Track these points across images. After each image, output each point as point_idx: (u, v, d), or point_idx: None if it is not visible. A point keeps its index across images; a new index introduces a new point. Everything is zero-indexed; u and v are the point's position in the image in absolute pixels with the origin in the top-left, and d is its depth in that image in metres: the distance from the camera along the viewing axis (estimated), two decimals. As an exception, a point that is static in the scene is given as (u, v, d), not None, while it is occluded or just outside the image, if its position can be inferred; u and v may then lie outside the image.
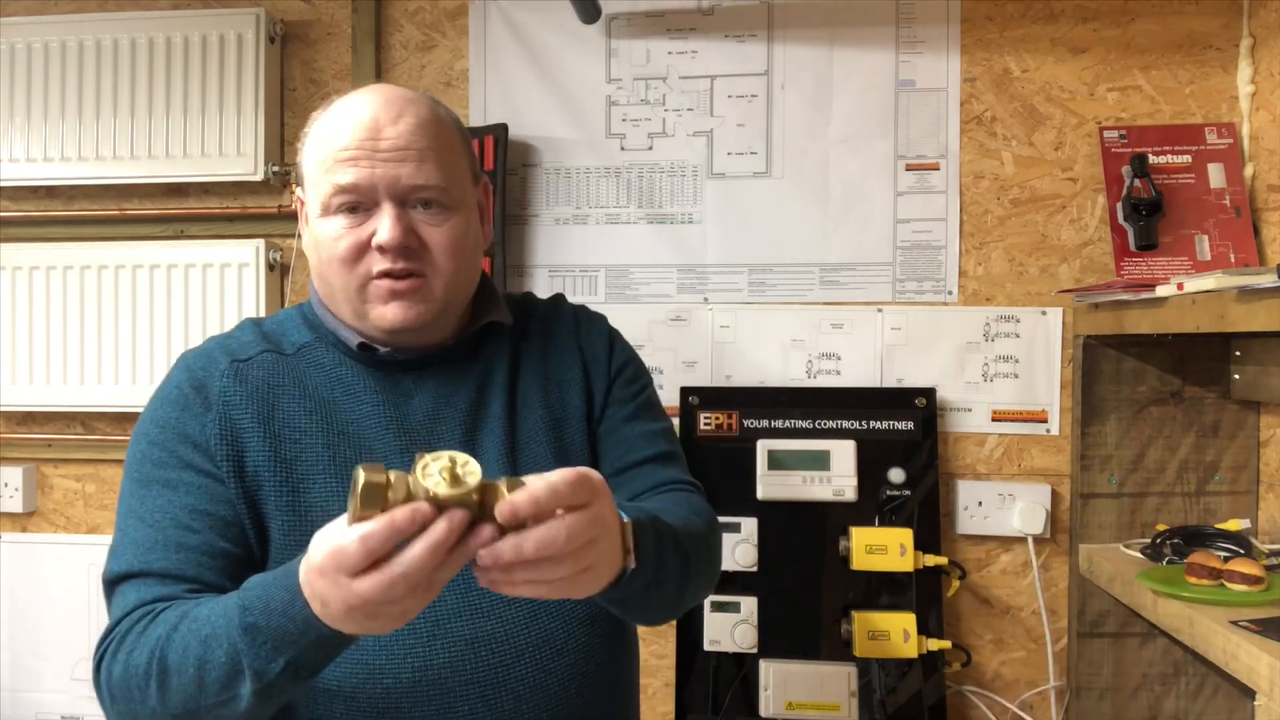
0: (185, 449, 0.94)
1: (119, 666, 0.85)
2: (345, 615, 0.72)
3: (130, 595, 0.89)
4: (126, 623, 0.87)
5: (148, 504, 0.93)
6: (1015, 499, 1.73)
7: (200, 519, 0.91)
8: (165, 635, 0.82)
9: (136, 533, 0.91)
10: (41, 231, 1.98)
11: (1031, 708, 1.75)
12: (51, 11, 1.97)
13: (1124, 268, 1.67)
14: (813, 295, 1.82)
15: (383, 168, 0.94)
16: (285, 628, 0.76)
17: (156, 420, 0.97)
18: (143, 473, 0.95)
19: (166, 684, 0.81)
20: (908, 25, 1.80)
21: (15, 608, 1.98)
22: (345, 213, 0.95)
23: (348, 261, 0.95)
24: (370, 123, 0.95)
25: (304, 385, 0.99)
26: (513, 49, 1.88)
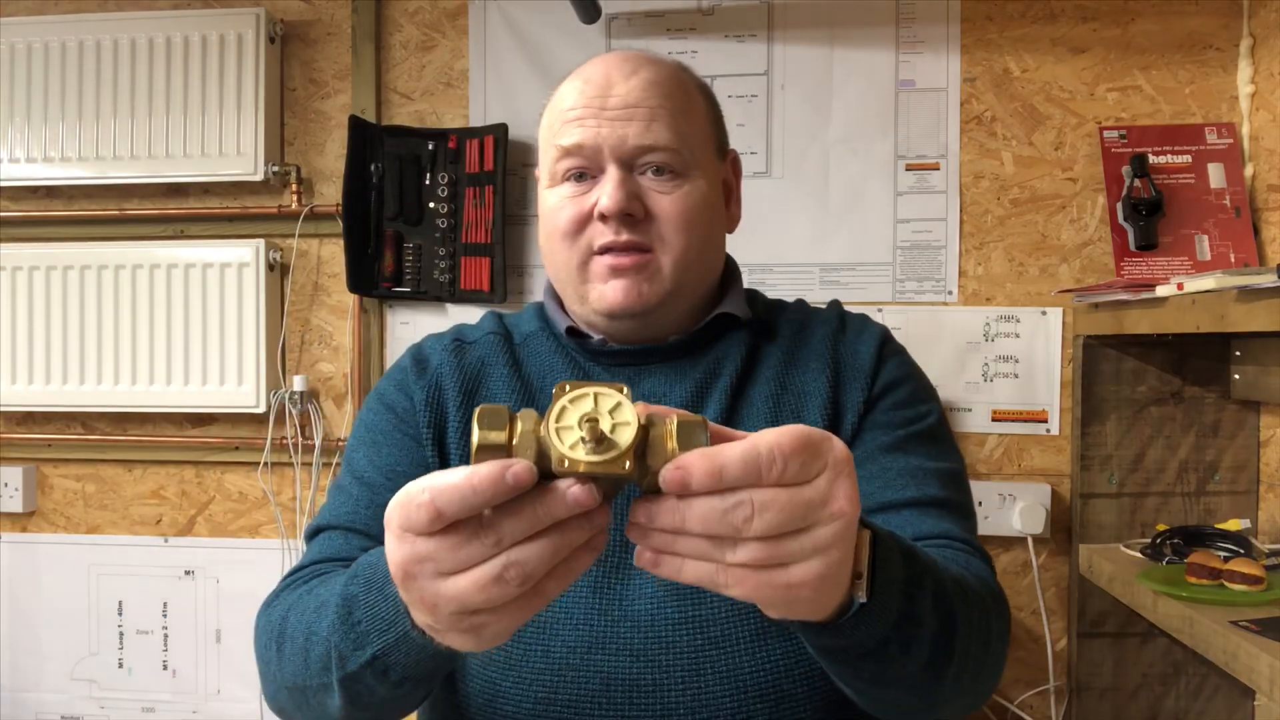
0: (390, 416, 0.93)
1: (261, 618, 0.80)
2: (403, 588, 0.54)
3: (315, 548, 0.87)
4: (291, 577, 0.83)
5: (353, 465, 0.92)
6: (1015, 499, 1.73)
7: (399, 478, 0.80)
8: (298, 599, 0.75)
9: (339, 492, 0.91)
10: (41, 231, 1.98)
11: (1031, 708, 1.75)
12: (51, 11, 1.97)
13: (1124, 268, 1.67)
14: (813, 295, 1.82)
15: (609, 126, 0.85)
16: (379, 610, 0.61)
17: (378, 391, 0.97)
18: (356, 436, 0.95)
19: (282, 652, 0.73)
20: (908, 25, 1.80)
21: (15, 608, 1.98)
22: (572, 180, 0.88)
23: (569, 234, 0.88)
24: (601, 80, 0.87)
25: (518, 370, 0.94)
26: (513, 49, 1.88)
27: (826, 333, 0.96)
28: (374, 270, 1.83)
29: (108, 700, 1.95)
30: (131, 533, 1.98)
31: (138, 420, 1.97)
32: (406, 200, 1.83)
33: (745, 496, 0.48)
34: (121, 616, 1.95)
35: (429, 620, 0.55)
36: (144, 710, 1.94)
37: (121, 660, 1.95)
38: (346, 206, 1.80)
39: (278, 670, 0.74)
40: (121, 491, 1.99)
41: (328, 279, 1.93)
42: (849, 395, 0.90)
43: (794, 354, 0.93)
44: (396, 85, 1.91)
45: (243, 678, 1.90)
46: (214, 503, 1.96)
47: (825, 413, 0.88)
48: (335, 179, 1.89)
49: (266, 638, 0.76)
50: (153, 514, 1.99)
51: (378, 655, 0.61)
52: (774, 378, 0.91)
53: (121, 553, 1.95)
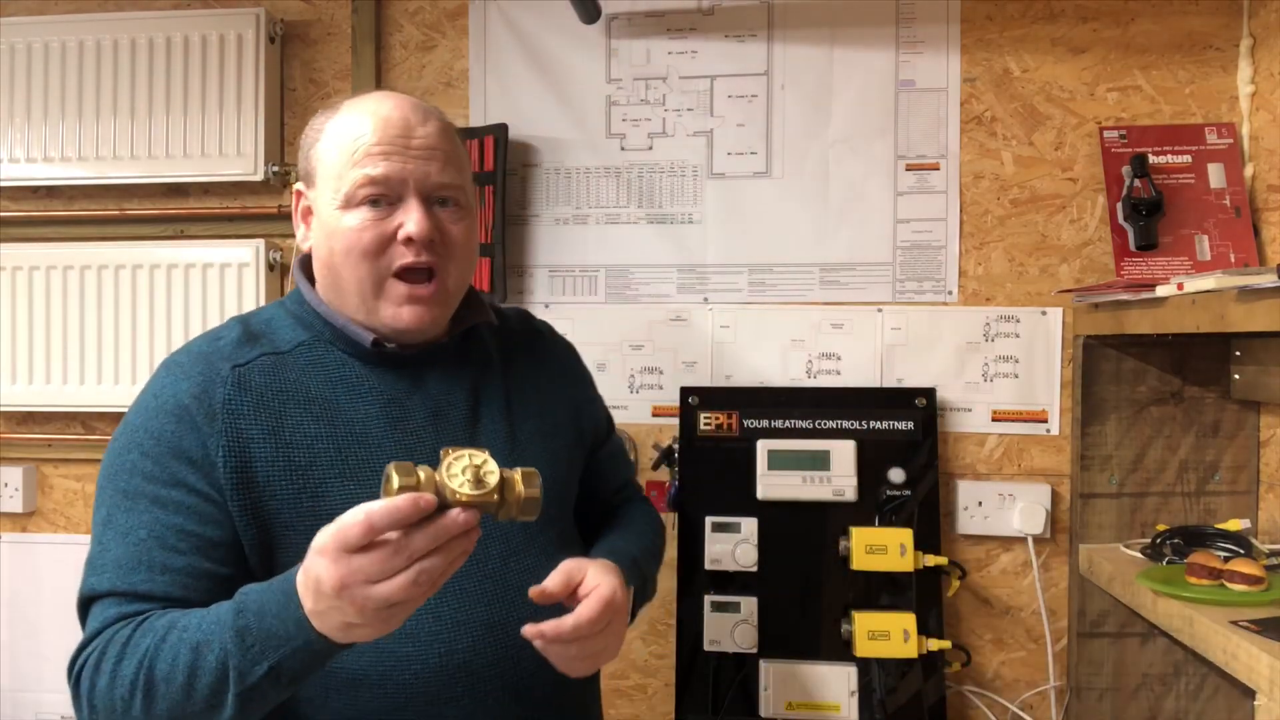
0: (179, 466, 0.92)
1: (104, 679, 0.85)
2: (335, 597, 0.75)
3: (110, 609, 0.89)
4: (108, 634, 0.87)
5: (133, 519, 0.91)
6: (1015, 499, 1.73)
7: (187, 540, 0.91)
8: (153, 646, 0.84)
9: (119, 549, 0.90)
10: (41, 231, 1.98)
11: (1031, 708, 1.75)
12: (51, 11, 1.97)
13: (1124, 268, 1.67)
14: (813, 295, 1.82)
15: (414, 164, 0.97)
16: (275, 629, 0.79)
17: (150, 431, 0.94)
18: (131, 485, 0.92)
19: (153, 694, 0.83)
20: (908, 25, 1.80)
21: (15, 608, 1.98)
22: (369, 205, 0.97)
23: (369, 254, 0.97)
24: (401, 122, 0.98)
25: (307, 388, 0.98)
26: (513, 49, 1.88)
27: (552, 346, 1.20)
28: (374, 270, 1.83)
29: (108, 700, 1.95)
30: (131, 533, 1.98)
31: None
32: (406, 200, 1.83)
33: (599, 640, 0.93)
34: (121, 616, 1.94)
35: (355, 619, 0.76)
36: (144, 710, 1.94)
37: (121, 660, 1.94)
38: (346, 206, 1.80)
39: (143, 714, 0.84)
40: (121, 491, 1.99)
41: (328, 279, 1.93)
42: (585, 406, 1.20)
43: (539, 361, 1.15)
44: (396, 85, 1.91)
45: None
46: (214, 503, 1.96)
47: (571, 415, 1.16)
48: (335, 179, 1.89)
49: (120, 692, 0.84)
50: (153, 514, 1.98)
51: (273, 666, 0.80)
52: (529, 379, 1.12)
53: (121, 553, 1.95)
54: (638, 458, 1.84)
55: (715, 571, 1.67)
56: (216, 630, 0.81)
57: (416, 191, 0.98)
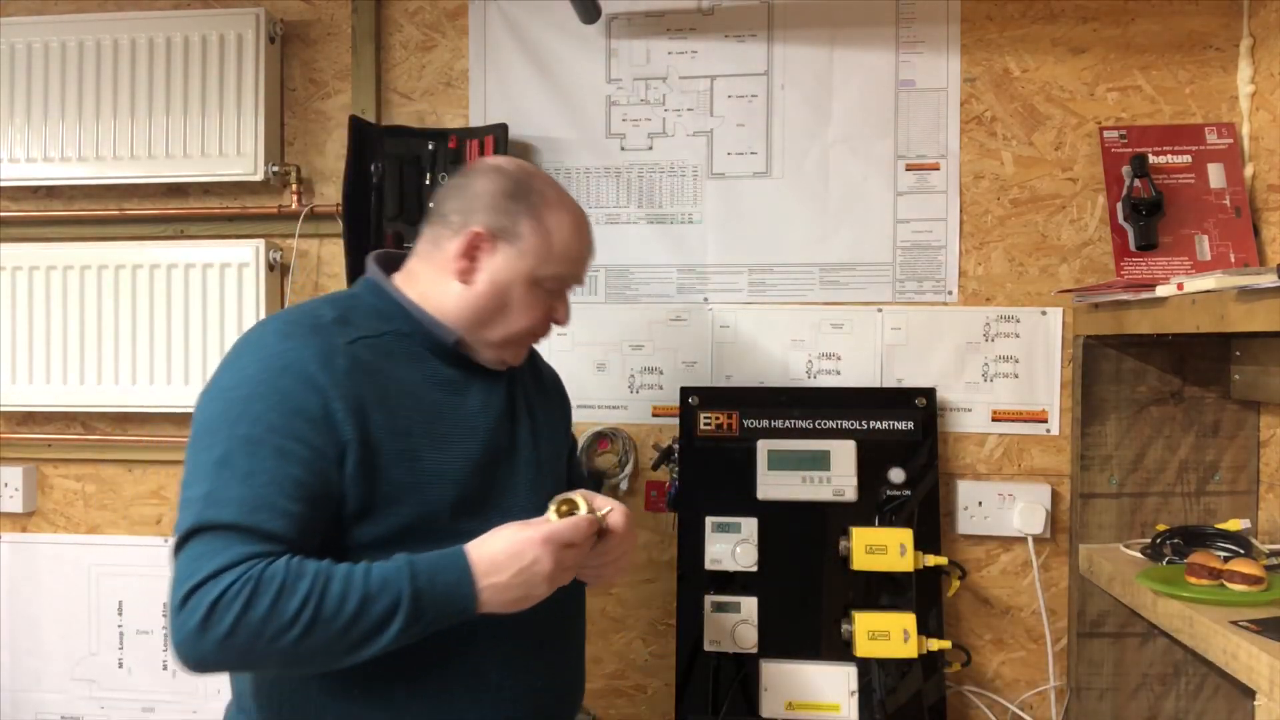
0: (301, 424, 1.02)
1: (259, 609, 0.95)
2: (546, 580, 1.05)
3: (237, 546, 0.97)
4: (252, 570, 0.96)
5: (255, 464, 1.00)
6: (1015, 499, 1.73)
7: (302, 489, 1.01)
8: (317, 590, 0.97)
9: (241, 489, 0.99)
10: (41, 231, 1.98)
11: (1031, 708, 1.75)
12: (51, 11, 1.97)
13: (1124, 268, 1.67)
14: (813, 295, 1.82)
15: (584, 274, 1.26)
16: (446, 595, 1.02)
17: (276, 388, 1.03)
18: (254, 432, 1.01)
19: (312, 631, 0.96)
20: (908, 25, 1.80)
21: (15, 608, 1.98)
22: (545, 292, 1.19)
23: (532, 322, 1.19)
24: (591, 243, 1.25)
25: (396, 369, 1.12)
26: (513, 49, 1.88)
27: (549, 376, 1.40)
28: (374, 270, 1.83)
29: (108, 700, 1.95)
30: (131, 533, 1.98)
31: (138, 420, 1.97)
32: (406, 200, 1.83)
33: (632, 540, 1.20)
34: (121, 616, 1.95)
35: (540, 592, 1.05)
36: (144, 710, 1.94)
37: (121, 660, 1.95)
38: (346, 206, 1.80)
39: (294, 643, 0.96)
40: (121, 491, 1.99)
41: (328, 279, 1.94)
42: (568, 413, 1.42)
43: (543, 388, 1.35)
44: (396, 85, 1.91)
45: (243, 678, 1.90)
46: (214, 503, 1.96)
47: (565, 420, 1.40)
48: (335, 179, 1.90)
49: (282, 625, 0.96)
50: (153, 514, 1.99)
51: (431, 623, 1.01)
52: (540, 398, 1.31)
53: (121, 553, 1.95)
54: (637, 458, 1.84)
55: (715, 571, 1.67)
56: (388, 589, 0.99)
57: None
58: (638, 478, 1.84)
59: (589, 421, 1.86)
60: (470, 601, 1.02)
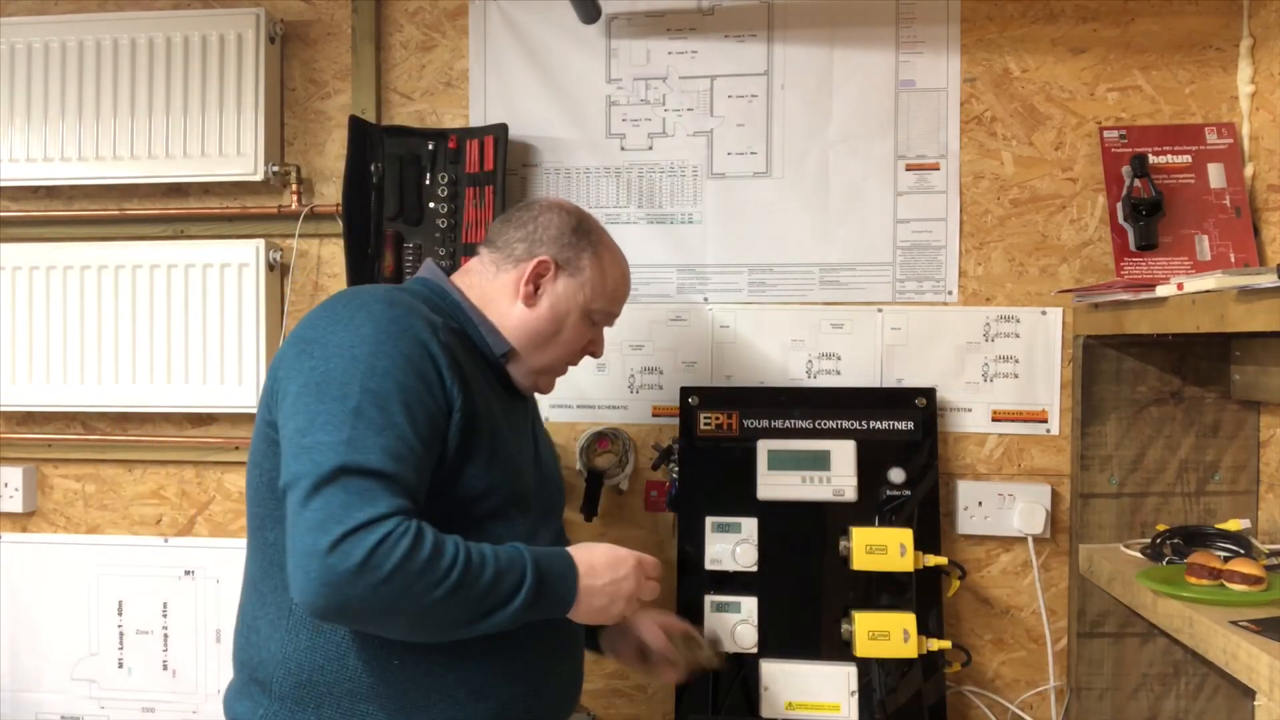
0: (422, 385, 1.09)
1: (418, 560, 1.00)
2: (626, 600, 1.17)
3: (389, 497, 1.02)
4: (410, 524, 1.02)
5: (389, 417, 1.05)
6: (1015, 499, 1.73)
7: (425, 445, 1.08)
8: (463, 557, 1.05)
9: (379, 437, 1.04)
10: (41, 231, 1.98)
11: (1031, 708, 1.75)
12: (51, 11, 1.97)
13: (1124, 268, 1.67)
14: (813, 295, 1.82)
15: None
16: (554, 588, 1.12)
17: (400, 350, 1.09)
18: (384, 388, 1.06)
19: (457, 592, 1.03)
20: (908, 25, 1.80)
21: (15, 608, 1.98)
22: (590, 322, 1.31)
23: (573, 351, 1.31)
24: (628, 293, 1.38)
25: (468, 357, 1.20)
26: (513, 49, 1.88)
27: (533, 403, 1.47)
28: (374, 270, 1.83)
29: (108, 700, 1.95)
30: (131, 533, 1.98)
31: (138, 420, 1.97)
32: (406, 200, 1.83)
33: None
34: (121, 616, 1.95)
35: (621, 611, 1.18)
36: (144, 710, 1.94)
37: (121, 660, 1.95)
38: (346, 206, 1.80)
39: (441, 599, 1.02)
40: (121, 491, 1.99)
41: (328, 279, 1.94)
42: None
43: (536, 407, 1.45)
44: (396, 85, 1.91)
45: (243, 678, 1.90)
46: (214, 503, 1.96)
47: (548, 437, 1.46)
48: (335, 179, 1.90)
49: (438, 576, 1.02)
50: (153, 514, 1.99)
51: (538, 602, 1.10)
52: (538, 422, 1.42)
53: (121, 553, 1.95)
54: (637, 458, 1.84)
55: (715, 571, 1.67)
56: (513, 566, 1.08)
57: None
58: (637, 478, 1.84)
59: (589, 421, 1.86)
60: (571, 595, 1.12)
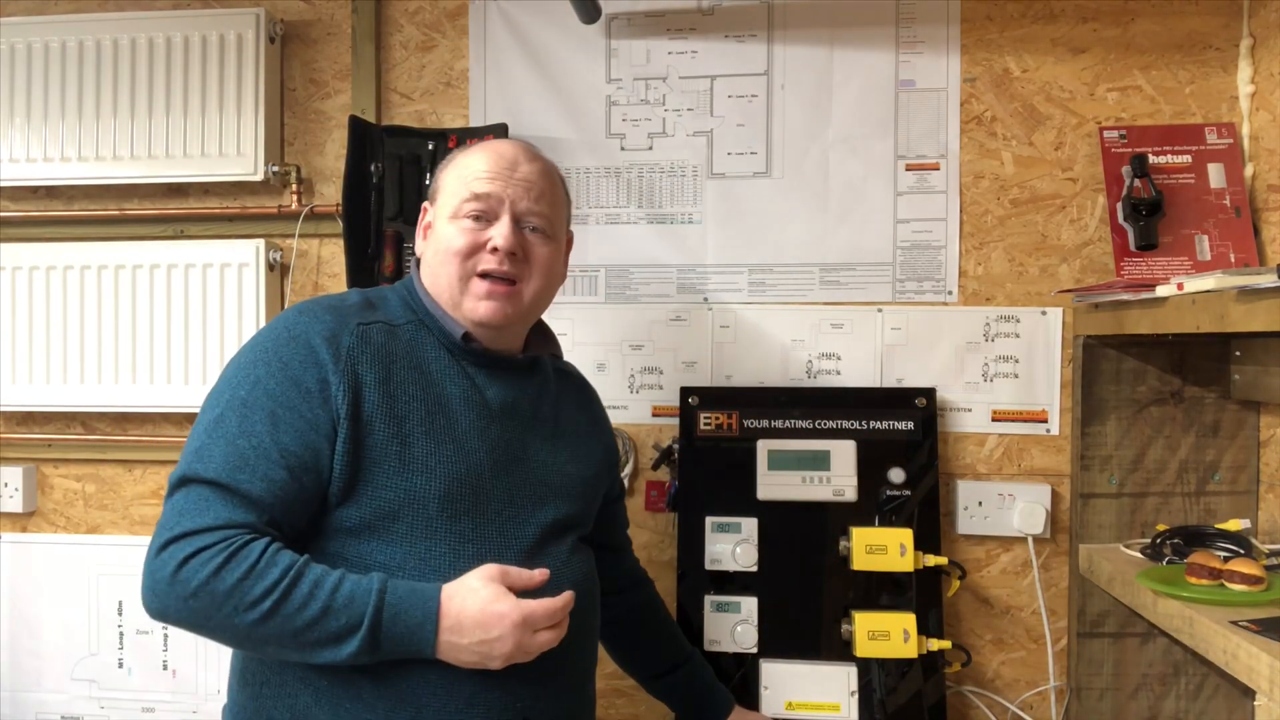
0: (296, 394, 1.06)
1: (225, 583, 0.98)
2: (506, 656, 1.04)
3: (220, 510, 1.01)
4: (230, 539, 0.99)
5: (248, 426, 1.04)
6: (1015, 499, 1.73)
7: (288, 459, 1.04)
8: (285, 584, 0.99)
9: (228, 448, 1.03)
10: (41, 231, 1.98)
11: (1031, 708, 1.75)
12: (51, 11, 1.97)
13: (1124, 268, 1.67)
14: (813, 295, 1.82)
15: (513, 189, 1.18)
16: (403, 639, 1.02)
17: (280, 356, 1.07)
18: (251, 396, 1.05)
19: (269, 619, 0.98)
20: (908, 25, 1.80)
21: (15, 608, 1.98)
22: (471, 219, 1.17)
23: (462, 255, 1.16)
24: (511, 157, 1.20)
25: (410, 356, 1.14)
26: (513, 49, 1.88)
27: (592, 397, 1.40)
28: (374, 270, 1.83)
29: (108, 700, 1.95)
30: (131, 533, 1.98)
31: (138, 420, 1.97)
32: (406, 200, 1.83)
33: None
34: (121, 616, 1.95)
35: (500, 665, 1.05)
36: (144, 710, 1.94)
37: (121, 660, 1.95)
38: (346, 206, 1.80)
39: (250, 626, 0.98)
40: (121, 491, 1.99)
41: (328, 279, 1.94)
42: (609, 458, 1.38)
43: (580, 400, 1.36)
44: (396, 85, 1.91)
45: (243, 678, 1.90)
46: (214, 503, 1.96)
47: (599, 456, 1.34)
48: (335, 179, 1.90)
49: (242, 603, 0.98)
50: (153, 514, 1.99)
51: (383, 656, 1.02)
52: (572, 409, 1.32)
53: (121, 553, 1.95)
54: (637, 458, 1.84)
55: (715, 571, 1.67)
56: (350, 610, 1.00)
57: (510, 212, 1.17)
58: (638, 478, 1.85)
59: (589, 421, 1.86)
60: (429, 647, 1.03)
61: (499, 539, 1.14)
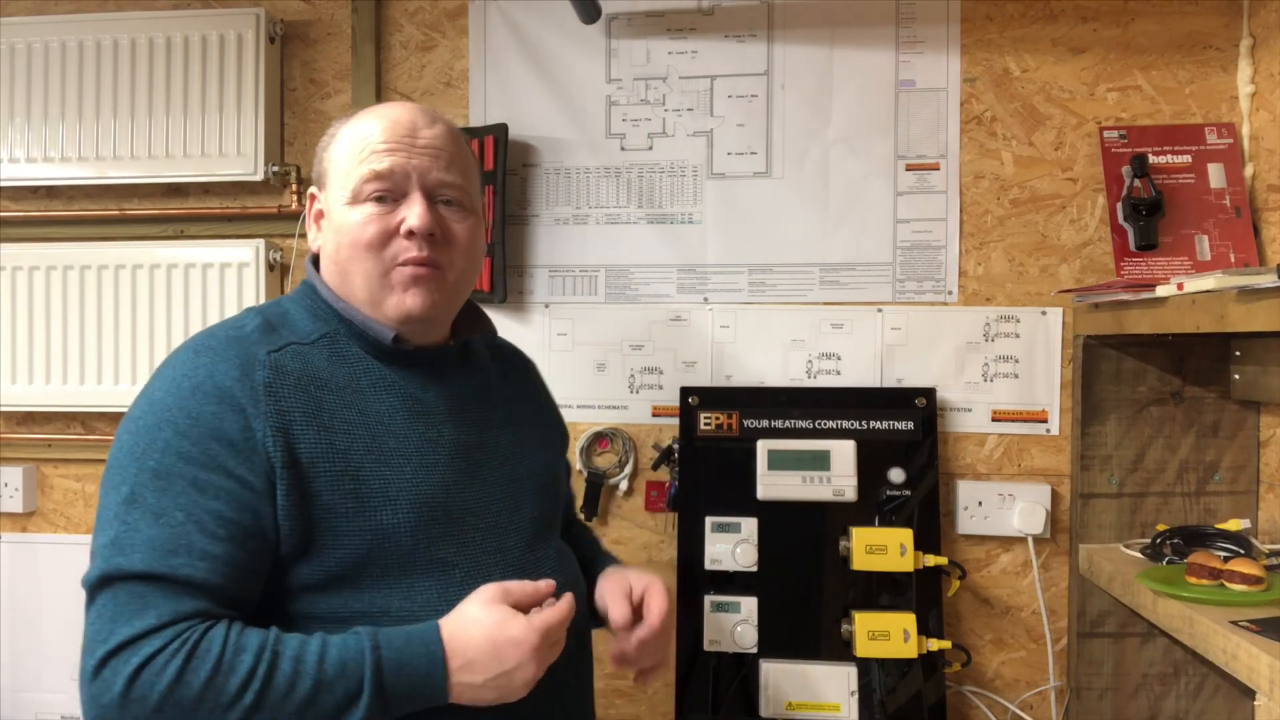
0: (220, 449, 0.90)
1: (192, 686, 0.83)
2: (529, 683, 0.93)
3: (160, 604, 0.85)
4: (183, 637, 0.84)
5: (166, 500, 0.88)
6: (1015, 499, 1.73)
7: (225, 527, 0.89)
8: (263, 670, 0.86)
9: (151, 530, 0.88)
10: (41, 231, 1.98)
11: (1031, 708, 1.75)
12: (51, 11, 1.97)
13: (1124, 268, 1.67)
14: (813, 295, 1.82)
15: (418, 159, 1.01)
16: (412, 692, 0.90)
17: (187, 410, 0.91)
18: (164, 464, 0.89)
19: (264, 699, 0.85)
20: (908, 25, 1.80)
21: (15, 608, 1.98)
22: (375, 201, 1.01)
23: (374, 247, 1.00)
24: (409, 123, 1.03)
25: (335, 377, 0.99)
26: (513, 49, 1.88)
27: (525, 364, 1.27)
28: (374, 270, 1.83)
29: (108, 700, 1.95)
30: (131, 533, 1.98)
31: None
32: (406, 200, 1.83)
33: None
34: (121, 616, 1.94)
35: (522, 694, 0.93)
36: (144, 710, 1.94)
37: (121, 660, 1.94)
38: (346, 206, 1.79)
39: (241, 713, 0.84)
40: (121, 491, 1.99)
41: (328, 279, 1.93)
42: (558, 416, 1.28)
43: (522, 377, 1.23)
44: (396, 85, 1.91)
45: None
46: (214, 503, 1.96)
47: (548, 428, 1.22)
48: (335, 179, 1.89)
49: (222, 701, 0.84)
50: (153, 514, 1.98)
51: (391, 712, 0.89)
52: (520, 389, 1.20)
53: (121, 553, 1.95)
54: (637, 458, 1.84)
55: (715, 571, 1.67)
56: (343, 675, 0.87)
57: (420, 187, 1.01)
58: (638, 478, 1.84)
59: (589, 421, 1.86)
60: (441, 694, 0.90)
61: (484, 556, 1.01)
